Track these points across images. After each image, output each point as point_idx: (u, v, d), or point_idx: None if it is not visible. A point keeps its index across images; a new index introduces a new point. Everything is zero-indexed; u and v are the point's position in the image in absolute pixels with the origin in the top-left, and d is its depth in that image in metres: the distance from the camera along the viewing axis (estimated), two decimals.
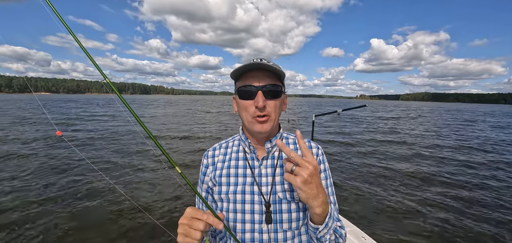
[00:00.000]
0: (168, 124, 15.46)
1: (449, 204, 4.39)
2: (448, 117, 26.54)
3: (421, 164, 7.04)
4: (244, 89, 0.73)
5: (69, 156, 6.85)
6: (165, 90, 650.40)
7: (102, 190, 4.57)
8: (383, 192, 4.88)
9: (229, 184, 0.80)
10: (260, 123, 0.73)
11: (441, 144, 10.25)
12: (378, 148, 9.13)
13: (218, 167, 0.84)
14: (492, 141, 11.41)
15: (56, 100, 54.71)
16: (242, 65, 0.71)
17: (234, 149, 0.86)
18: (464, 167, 6.85)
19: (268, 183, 0.78)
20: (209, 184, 0.84)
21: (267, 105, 0.72)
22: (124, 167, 6.07)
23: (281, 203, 0.76)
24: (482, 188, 5.21)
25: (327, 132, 12.96)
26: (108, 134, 10.94)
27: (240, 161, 0.83)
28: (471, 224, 3.75)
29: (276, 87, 0.74)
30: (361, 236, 2.02)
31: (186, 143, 9.54)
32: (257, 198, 0.76)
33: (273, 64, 0.72)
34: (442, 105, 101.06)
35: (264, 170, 0.80)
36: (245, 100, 0.74)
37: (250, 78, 0.72)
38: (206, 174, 0.86)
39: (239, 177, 0.80)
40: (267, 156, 0.81)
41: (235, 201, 0.77)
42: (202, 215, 0.62)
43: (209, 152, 0.89)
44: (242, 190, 0.77)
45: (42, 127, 12.56)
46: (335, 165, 6.72)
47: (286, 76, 0.79)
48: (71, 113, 20.01)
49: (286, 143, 0.86)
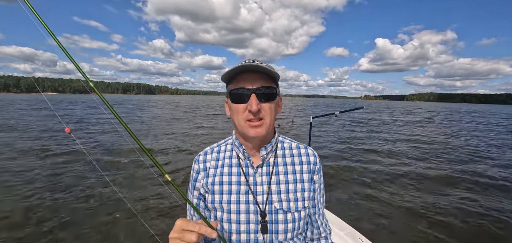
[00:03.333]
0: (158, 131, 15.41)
1: (452, 207, 4.34)
2: (468, 120, 24.34)
3: (432, 167, 6.95)
4: (236, 93, 0.70)
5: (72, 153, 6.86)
6: (170, 91, 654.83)
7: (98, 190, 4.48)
8: (383, 194, 4.85)
9: (223, 193, 0.76)
10: (253, 127, 0.70)
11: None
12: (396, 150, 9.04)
13: (210, 173, 0.80)
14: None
15: (58, 101, 55.30)
16: (234, 67, 0.68)
17: (227, 154, 0.82)
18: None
19: (263, 192, 0.75)
20: (201, 191, 0.81)
21: (261, 108, 0.70)
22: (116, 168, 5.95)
23: (277, 213, 0.74)
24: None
25: (334, 136, 12.86)
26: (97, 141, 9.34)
27: (234, 167, 0.79)
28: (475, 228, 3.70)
29: (270, 90, 0.71)
30: (358, 238, 2.02)
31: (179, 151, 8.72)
32: (253, 207, 0.74)
33: (266, 65, 0.69)
34: (450, 106, 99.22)
35: (260, 178, 0.77)
36: (238, 104, 0.71)
37: (243, 80, 0.69)
38: (197, 180, 0.83)
39: (233, 185, 0.77)
40: (262, 164, 0.78)
41: (229, 210, 0.74)
42: (193, 226, 0.59)
43: (200, 156, 0.85)
44: (237, 199, 0.75)
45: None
46: (336, 165, 6.69)
47: (289, 76, 0.77)
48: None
49: (281, 147, 0.83)
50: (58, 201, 4.13)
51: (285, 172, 0.79)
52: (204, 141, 9.99)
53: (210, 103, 57.96)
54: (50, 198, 4.23)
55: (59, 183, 4.90)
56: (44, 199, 4.15)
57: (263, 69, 0.67)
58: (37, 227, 3.36)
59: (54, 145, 8.15)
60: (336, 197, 4.67)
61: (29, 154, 6.98)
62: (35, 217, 3.61)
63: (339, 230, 2.13)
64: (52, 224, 3.45)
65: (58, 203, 4.05)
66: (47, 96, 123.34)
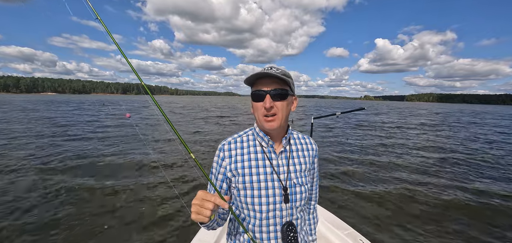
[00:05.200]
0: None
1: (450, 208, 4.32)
2: (482, 123, 23.34)
3: (428, 171, 6.93)
4: (256, 93, 0.90)
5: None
6: (170, 91, 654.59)
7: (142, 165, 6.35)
8: (384, 196, 4.83)
9: (252, 174, 0.94)
10: (268, 121, 0.89)
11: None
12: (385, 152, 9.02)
13: (238, 159, 0.97)
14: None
15: (60, 102, 55.31)
16: (254, 74, 0.88)
17: (250, 143, 1.00)
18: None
19: (284, 172, 0.96)
20: (228, 175, 0.97)
21: (274, 106, 0.88)
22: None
23: (295, 187, 0.95)
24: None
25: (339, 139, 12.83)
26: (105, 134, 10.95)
27: (259, 154, 0.97)
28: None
29: (282, 91, 0.88)
30: (358, 239, 2.00)
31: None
32: (277, 184, 0.93)
33: (281, 72, 0.87)
34: (453, 107, 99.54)
35: (281, 162, 0.97)
36: (257, 102, 0.91)
37: (261, 84, 0.89)
38: (221, 166, 0.98)
39: (260, 168, 0.95)
40: (283, 150, 0.98)
41: (259, 188, 0.93)
42: (211, 196, 0.76)
43: (224, 145, 1.00)
44: (265, 179, 0.93)
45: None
46: (336, 165, 6.67)
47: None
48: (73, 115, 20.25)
49: (293, 138, 1.05)
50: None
51: (298, 156, 1.02)
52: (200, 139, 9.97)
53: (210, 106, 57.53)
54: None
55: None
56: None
57: (277, 75, 0.85)
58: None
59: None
60: (337, 198, 4.65)
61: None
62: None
63: (340, 231, 2.12)
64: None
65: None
66: (46, 97, 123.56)
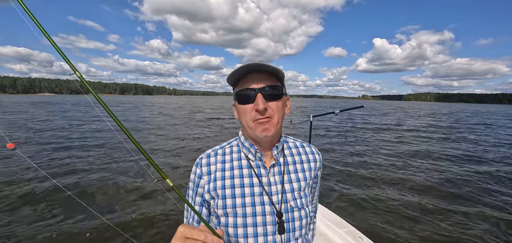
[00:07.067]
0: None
1: (447, 209, 4.35)
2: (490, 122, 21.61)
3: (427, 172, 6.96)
4: (243, 93, 0.70)
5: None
6: (168, 91, 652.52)
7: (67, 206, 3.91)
8: (383, 194, 4.86)
9: (235, 196, 0.72)
10: (262, 126, 0.69)
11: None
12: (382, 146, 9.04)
13: (217, 176, 0.76)
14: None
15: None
16: (239, 68, 0.66)
17: (234, 156, 0.79)
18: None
19: (278, 192, 0.74)
20: (206, 197, 0.76)
21: (268, 107, 0.69)
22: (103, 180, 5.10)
23: (293, 212, 0.73)
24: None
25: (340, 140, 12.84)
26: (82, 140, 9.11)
27: (244, 169, 0.76)
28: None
29: (276, 89, 0.70)
30: (358, 236, 2.01)
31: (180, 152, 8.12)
32: (269, 208, 0.72)
33: (271, 65, 0.68)
34: (453, 106, 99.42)
35: (273, 178, 0.75)
36: (245, 104, 0.70)
37: (248, 81, 0.69)
38: (199, 185, 0.77)
39: (245, 188, 0.73)
40: (275, 163, 0.77)
41: (244, 214, 0.71)
42: (198, 234, 0.54)
43: (202, 159, 0.79)
44: (252, 202, 0.72)
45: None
46: (336, 166, 6.68)
47: (288, 77, 0.72)
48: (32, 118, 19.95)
49: (287, 147, 0.84)
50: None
51: (295, 170, 0.80)
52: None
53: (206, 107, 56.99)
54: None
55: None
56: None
57: (267, 68, 0.67)
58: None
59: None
60: (336, 196, 4.66)
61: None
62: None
63: (340, 229, 2.12)
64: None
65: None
66: (44, 97, 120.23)
